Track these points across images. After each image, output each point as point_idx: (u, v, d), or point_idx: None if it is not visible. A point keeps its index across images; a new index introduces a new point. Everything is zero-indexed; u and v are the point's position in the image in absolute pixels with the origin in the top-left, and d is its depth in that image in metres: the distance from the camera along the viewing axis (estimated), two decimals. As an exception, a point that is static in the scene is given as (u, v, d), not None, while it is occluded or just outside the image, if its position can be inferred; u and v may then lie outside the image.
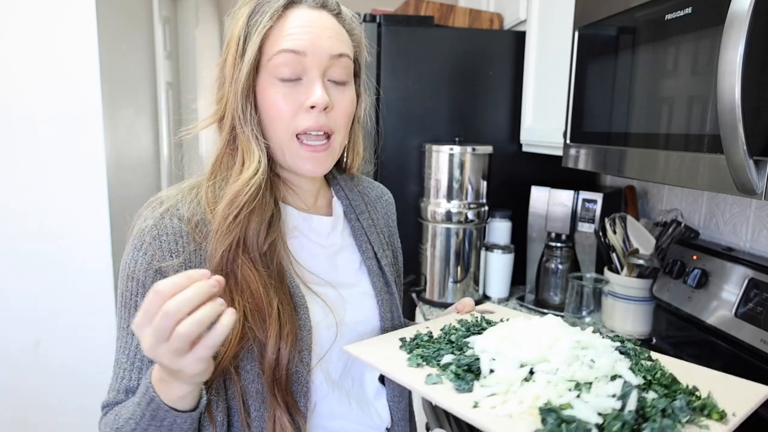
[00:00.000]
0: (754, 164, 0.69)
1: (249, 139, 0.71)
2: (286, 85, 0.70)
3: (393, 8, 2.08)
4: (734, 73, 0.67)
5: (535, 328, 0.70)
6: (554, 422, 0.53)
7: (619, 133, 1.03)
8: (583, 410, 0.54)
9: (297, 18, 0.71)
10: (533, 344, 0.65)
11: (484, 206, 1.69)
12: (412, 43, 1.72)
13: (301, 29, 0.70)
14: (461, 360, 0.67)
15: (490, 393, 0.60)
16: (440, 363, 0.68)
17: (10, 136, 1.92)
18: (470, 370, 0.66)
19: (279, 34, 0.70)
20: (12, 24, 1.85)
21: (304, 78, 0.71)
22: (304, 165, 0.74)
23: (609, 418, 0.53)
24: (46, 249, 2.01)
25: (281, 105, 0.71)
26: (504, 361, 0.64)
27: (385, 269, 0.86)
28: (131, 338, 0.70)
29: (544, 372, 0.61)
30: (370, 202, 0.91)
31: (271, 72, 0.70)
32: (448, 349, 0.72)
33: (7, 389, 2.06)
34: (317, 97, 0.70)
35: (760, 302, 1.06)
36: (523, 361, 0.64)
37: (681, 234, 1.35)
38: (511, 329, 0.72)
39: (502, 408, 0.58)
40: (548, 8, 1.56)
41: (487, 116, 1.80)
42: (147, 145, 2.51)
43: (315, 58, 0.70)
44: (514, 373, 0.62)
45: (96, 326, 2.08)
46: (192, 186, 0.75)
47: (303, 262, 0.77)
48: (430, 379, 0.65)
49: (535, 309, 1.65)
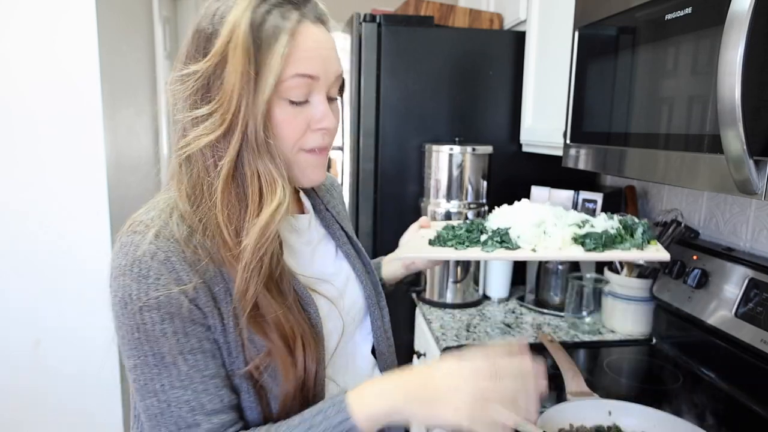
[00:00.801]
0: (754, 164, 0.69)
1: (269, 169, 0.67)
2: (294, 106, 0.69)
3: (393, 8, 2.08)
4: (734, 73, 0.67)
5: (522, 206, 0.95)
6: (592, 239, 0.83)
7: (619, 133, 1.03)
8: (600, 227, 0.87)
9: (307, 38, 0.68)
10: (529, 214, 0.91)
11: (484, 206, 1.69)
12: (412, 43, 1.72)
13: (314, 52, 0.68)
14: (499, 231, 0.89)
15: (532, 246, 0.85)
16: (480, 241, 0.89)
17: (10, 136, 1.92)
18: (504, 239, 0.87)
19: (293, 56, 0.66)
20: (12, 24, 1.85)
21: (310, 98, 0.70)
22: (313, 174, 0.74)
23: (618, 228, 0.87)
24: (46, 249, 2.00)
25: (292, 126, 0.69)
26: (523, 227, 0.88)
27: (361, 251, 0.90)
28: (174, 368, 0.64)
29: (550, 226, 0.88)
30: (327, 190, 0.93)
31: (281, 93, 0.67)
32: (475, 235, 0.92)
33: (7, 389, 2.06)
34: (330, 122, 0.71)
35: (760, 302, 1.06)
36: (536, 222, 0.88)
37: (681, 234, 1.35)
38: (508, 210, 0.95)
39: (551, 246, 0.85)
40: (548, 8, 1.56)
41: (487, 116, 1.80)
42: (147, 145, 2.51)
43: (325, 80, 0.70)
44: (535, 231, 0.87)
45: (96, 326, 2.08)
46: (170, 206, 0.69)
47: (298, 266, 0.77)
48: (486, 248, 0.87)
49: (535, 309, 1.65)
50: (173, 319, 0.63)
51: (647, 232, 0.86)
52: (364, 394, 0.64)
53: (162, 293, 0.62)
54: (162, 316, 0.63)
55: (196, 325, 0.65)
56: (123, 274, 0.64)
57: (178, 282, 0.63)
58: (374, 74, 1.72)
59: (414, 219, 1.77)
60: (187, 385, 0.64)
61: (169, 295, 0.63)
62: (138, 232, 0.65)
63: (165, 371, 0.64)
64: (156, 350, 0.64)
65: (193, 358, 0.64)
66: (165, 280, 0.63)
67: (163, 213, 0.67)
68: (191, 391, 0.64)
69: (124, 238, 0.65)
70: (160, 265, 0.63)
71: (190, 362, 0.64)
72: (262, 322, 0.67)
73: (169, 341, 0.63)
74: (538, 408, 0.63)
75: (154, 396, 0.64)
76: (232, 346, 0.67)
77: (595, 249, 0.82)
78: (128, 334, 0.64)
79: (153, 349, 0.64)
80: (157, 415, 0.64)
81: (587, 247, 0.83)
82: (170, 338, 0.63)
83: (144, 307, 0.63)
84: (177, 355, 0.64)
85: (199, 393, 0.64)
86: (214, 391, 0.65)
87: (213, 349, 0.66)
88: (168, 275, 0.63)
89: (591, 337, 1.42)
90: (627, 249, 0.82)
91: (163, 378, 0.64)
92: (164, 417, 0.64)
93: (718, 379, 1.17)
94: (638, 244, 0.83)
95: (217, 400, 0.65)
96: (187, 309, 0.64)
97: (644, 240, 0.84)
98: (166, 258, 0.63)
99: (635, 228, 0.87)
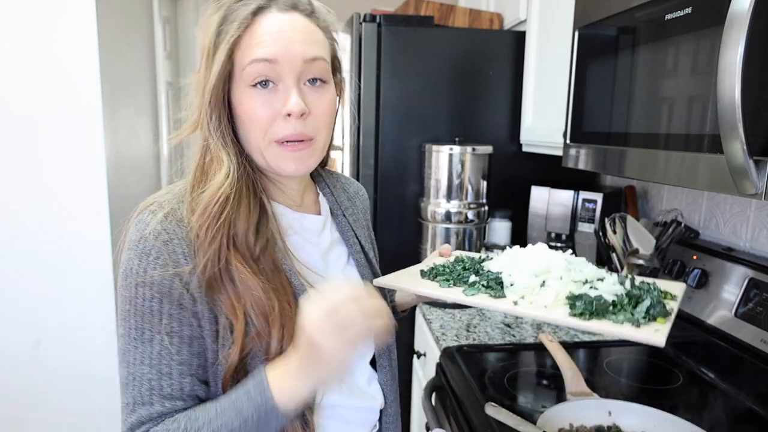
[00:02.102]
0: (754, 164, 0.69)
1: (218, 147, 0.72)
2: (261, 92, 0.70)
3: (393, 8, 2.08)
4: (734, 73, 0.67)
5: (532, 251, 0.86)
6: (584, 303, 0.72)
7: (619, 133, 1.03)
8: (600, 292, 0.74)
9: (267, 24, 0.70)
10: (536, 261, 0.82)
11: (484, 206, 1.69)
12: (412, 43, 1.72)
13: (272, 36, 0.69)
14: (489, 276, 0.82)
15: (520, 296, 0.76)
16: (468, 282, 0.82)
17: (10, 136, 1.92)
18: (497, 283, 0.80)
19: (249, 43, 0.69)
20: (12, 24, 1.85)
21: (280, 84, 0.70)
22: (287, 165, 0.74)
23: (620, 296, 0.74)
24: (46, 249, 2.01)
25: (258, 113, 0.70)
26: (520, 274, 0.80)
27: (372, 261, 0.90)
28: (149, 346, 0.67)
29: (552, 279, 0.78)
30: (350, 197, 0.94)
31: (245, 81, 0.70)
32: (469, 273, 0.85)
33: (7, 389, 2.06)
34: (293, 104, 0.69)
35: (760, 302, 1.06)
36: (536, 272, 0.79)
37: (681, 234, 1.35)
38: (514, 254, 0.87)
39: (537, 302, 0.74)
40: (548, 8, 1.56)
41: (487, 116, 1.80)
42: (147, 145, 2.51)
43: (288, 64, 0.70)
44: (532, 281, 0.78)
45: (96, 326, 2.08)
46: (183, 190, 0.74)
47: (301, 260, 0.78)
48: (467, 291, 0.79)
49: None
50: (162, 299, 0.67)
51: (655, 307, 0.72)
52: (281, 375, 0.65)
53: (158, 273, 0.67)
54: (153, 295, 0.67)
55: (183, 310, 0.68)
56: (130, 248, 0.69)
57: (175, 264, 0.67)
58: (374, 74, 1.72)
59: (414, 219, 1.78)
60: (155, 364, 0.67)
61: (164, 276, 0.67)
62: (152, 211, 0.70)
63: (141, 347, 0.68)
64: (139, 325, 0.68)
65: (169, 340, 0.68)
66: (163, 261, 0.67)
67: (177, 196, 0.72)
68: (156, 371, 0.67)
69: (140, 215, 0.70)
70: (162, 246, 0.67)
71: (164, 343, 0.67)
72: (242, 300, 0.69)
73: (153, 319, 0.67)
74: (369, 339, 0.63)
75: (126, 367, 0.68)
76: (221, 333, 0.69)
77: (581, 315, 0.71)
78: (122, 305, 0.69)
79: (137, 323, 0.68)
80: (124, 384, 0.69)
81: (574, 311, 0.72)
82: (155, 316, 0.67)
83: (140, 283, 0.67)
84: (155, 334, 0.67)
85: (162, 375, 0.67)
86: (177, 377, 0.68)
87: (192, 336, 0.69)
88: (167, 256, 0.67)
89: (591, 337, 1.42)
90: (619, 322, 0.70)
91: (138, 352, 0.68)
92: (128, 388, 0.68)
93: (718, 379, 1.17)
94: (634, 320, 0.69)
95: (177, 386, 0.68)
96: (178, 293, 0.67)
97: (647, 316, 0.71)
98: (169, 239, 0.68)
99: (642, 299, 0.74)
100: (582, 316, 0.70)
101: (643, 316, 0.70)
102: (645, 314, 0.70)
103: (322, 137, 0.75)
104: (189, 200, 0.71)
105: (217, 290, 0.68)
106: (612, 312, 0.71)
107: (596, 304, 0.71)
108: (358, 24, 1.71)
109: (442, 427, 1.19)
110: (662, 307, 0.72)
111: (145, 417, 0.67)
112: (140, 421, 0.67)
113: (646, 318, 0.70)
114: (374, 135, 1.76)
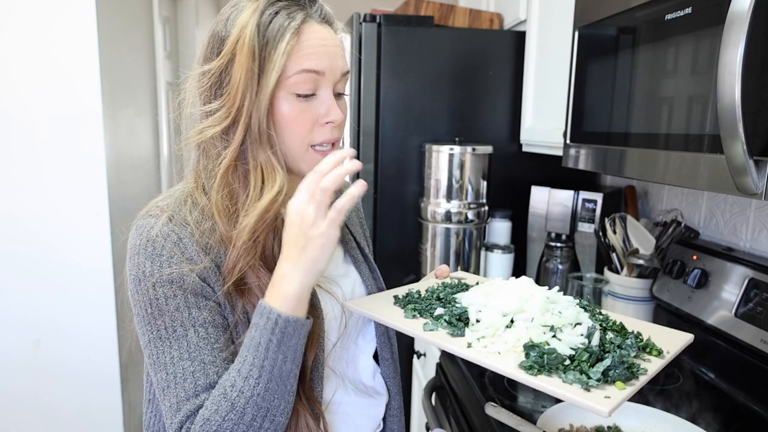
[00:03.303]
0: (754, 164, 0.69)
1: (270, 159, 0.71)
2: (302, 100, 0.71)
3: (393, 8, 2.08)
4: (734, 73, 0.67)
5: (512, 286, 0.80)
6: (536, 354, 0.66)
7: (619, 133, 1.03)
8: (559, 345, 0.68)
9: (312, 36, 0.71)
10: (512, 298, 0.76)
11: (484, 206, 1.69)
12: (412, 43, 1.72)
13: (319, 48, 0.71)
14: (453, 311, 0.78)
15: (480, 336, 0.72)
16: (433, 314, 0.79)
17: (10, 136, 1.92)
18: (460, 319, 0.77)
19: (298, 52, 0.69)
20: (12, 24, 1.85)
21: (318, 93, 0.73)
22: None
23: (579, 351, 0.67)
24: (46, 249, 2.01)
25: (299, 121, 0.72)
26: (488, 312, 0.75)
27: (368, 256, 0.92)
28: (184, 340, 0.67)
29: (522, 320, 0.73)
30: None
31: (289, 88, 0.70)
32: (438, 304, 0.81)
33: (7, 389, 2.06)
34: (336, 115, 0.73)
35: (760, 302, 1.06)
36: (505, 312, 0.75)
37: (681, 234, 1.35)
38: (492, 287, 0.82)
39: (492, 347, 0.70)
40: (548, 8, 1.56)
41: (487, 116, 1.80)
42: (147, 145, 2.51)
43: (331, 76, 0.72)
44: (498, 320, 0.73)
45: (96, 326, 2.08)
46: (186, 194, 0.74)
47: None
48: (426, 326, 0.76)
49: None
50: (186, 293, 0.68)
51: (616, 368, 0.64)
52: (275, 288, 0.67)
53: (174, 270, 0.67)
54: (174, 291, 0.67)
55: (208, 300, 0.69)
56: (137, 253, 0.69)
57: (189, 261, 0.68)
58: (374, 74, 1.72)
59: (414, 219, 1.78)
60: (195, 356, 0.67)
61: (181, 272, 0.67)
62: (153, 215, 0.70)
63: (176, 343, 0.67)
64: (168, 323, 0.67)
65: (204, 330, 0.68)
66: (177, 259, 0.68)
67: (178, 200, 0.73)
68: (198, 362, 0.67)
69: (141, 221, 0.71)
70: (173, 246, 0.68)
71: (201, 334, 0.68)
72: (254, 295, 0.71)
73: (182, 314, 0.68)
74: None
75: (164, 369, 0.67)
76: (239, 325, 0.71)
77: (530, 369, 0.65)
78: (142, 310, 0.68)
79: (165, 323, 0.68)
80: (164, 388, 0.67)
81: (524, 363, 0.65)
82: (183, 311, 0.68)
83: (157, 283, 0.67)
84: (189, 327, 0.68)
85: (206, 364, 0.67)
86: (221, 363, 0.68)
87: (224, 324, 0.70)
88: (180, 255, 0.68)
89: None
90: (568, 382, 0.63)
91: (174, 350, 0.67)
92: (169, 390, 0.67)
93: (718, 379, 1.17)
94: (584, 382, 0.62)
95: (223, 371, 0.68)
96: (199, 285, 0.68)
97: (602, 378, 0.63)
98: (179, 239, 0.68)
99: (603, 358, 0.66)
100: (530, 369, 0.64)
101: (597, 378, 0.62)
102: (601, 376, 0.63)
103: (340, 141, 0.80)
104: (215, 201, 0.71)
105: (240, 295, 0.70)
106: (564, 368, 0.65)
107: (548, 358, 0.65)
108: (358, 24, 1.71)
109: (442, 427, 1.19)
110: (625, 370, 0.64)
111: (192, 411, 0.66)
112: (187, 415, 0.66)
113: (601, 380, 0.62)
114: (374, 135, 1.76)
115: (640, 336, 0.74)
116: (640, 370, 0.66)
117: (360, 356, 0.88)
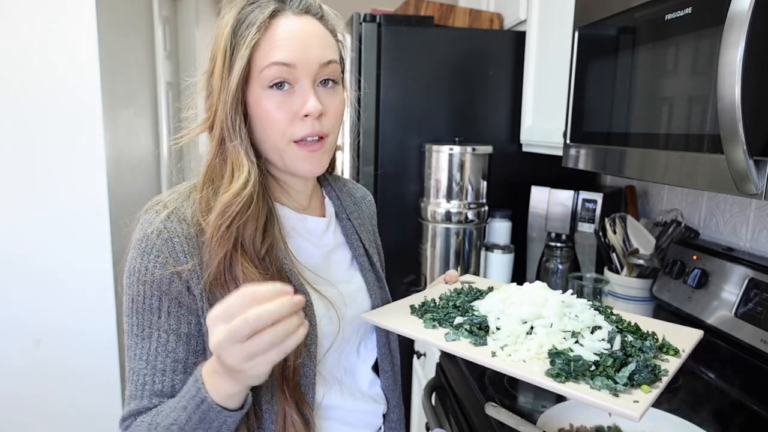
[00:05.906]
0: (754, 164, 0.69)
1: (238, 151, 0.72)
2: (278, 94, 0.71)
3: (393, 8, 2.08)
4: (734, 73, 0.67)
5: (526, 291, 0.82)
6: (562, 362, 0.66)
7: (619, 133, 1.03)
8: (583, 352, 0.68)
9: (284, 28, 0.71)
10: (528, 304, 0.78)
11: (484, 206, 1.69)
12: (412, 43, 1.72)
13: (290, 40, 0.70)
14: (473, 320, 0.79)
15: (502, 345, 0.73)
16: (453, 324, 0.79)
17: (10, 136, 1.92)
18: (480, 327, 0.78)
19: (268, 46, 0.70)
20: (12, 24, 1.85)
21: (296, 86, 0.72)
22: (303, 166, 0.75)
23: (603, 356, 0.68)
24: (46, 249, 2.01)
25: (276, 115, 0.71)
26: (508, 319, 0.77)
27: (375, 265, 0.91)
28: (147, 342, 0.70)
29: (541, 326, 0.74)
30: (356, 202, 0.95)
31: (262, 83, 0.71)
32: (456, 312, 0.82)
33: (7, 390, 2.06)
34: (311, 106, 0.71)
35: (760, 302, 1.06)
36: (523, 318, 0.76)
37: (681, 234, 1.35)
38: (507, 293, 0.83)
39: (516, 355, 0.71)
40: (548, 8, 1.56)
41: (487, 116, 1.80)
42: (147, 145, 2.51)
43: (305, 68, 0.71)
44: (518, 327, 0.75)
45: (96, 326, 2.08)
46: (190, 189, 0.75)
47: (302, 261, 0.79)
48: (448, 336, 0.76)
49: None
50: (162, 297, 0.69)
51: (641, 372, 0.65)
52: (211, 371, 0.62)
53: (159, 271, 0.69)
54: (152, 292, 0.69)
55: (182, 308, 0.70)
56: (134, 247, 0.71)
57: (176, 262, 0.69)
58: (374, 74, 1.72)
59: (414, 219, 1.78)
60: (150, 360, 0.69)
61: (164, 274, 0.69)
62: (156, 211, 0.72)
63: (140, 343, 0.70)
64: (139, 321, 0.70)
65: (166, 337, 0.69)
66: (164, 259, 0.69)
67: (182, 195, 0.74)
68: (150, 367, 0.69)
69: (145, 215, 0.73)
70: (163, 244, 0.69)
71: (161, 340, 0.70)
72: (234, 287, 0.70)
73: (153, 316, 0.70)
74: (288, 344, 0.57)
75: (128, 362, 0.72)
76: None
77: (557, 376, 0.65)
78: (126, 301, 0.71)
79: (138, 320, 0.70)
80: (126, 379, 0.72)
81: (551, 371, 0.66)
82: (154, 314, 0.70)
83: (141, 281, 0.69)
84: (154, 331, 0.70)
85: (156, 371, 0.69)
86: (170, 373, 0.69)
87: (189, 334, 0.71)
88: (167, 254, 0.69)
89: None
90: (596, 388, 0.64)
91: (137, 348, 0.70)
92: (127, 383, 0.71)
93: (718, 379, 1.17)
94: (612, 387, 0.63)
95: (168, 383, 0.69)
96: (178, 291, 0.69)
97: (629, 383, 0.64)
98: (169, 237, 0.69)
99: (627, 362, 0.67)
100: (558, 377, 0.65)
101: (624, 383, 0.63)
102: (627, 380, 0.64)
103: (333, 135, 0.78)
104: (197, 198, 0.73)
105: (220, 288, 0.69)
106: (591, 375, 0.65)
107: (574, 365, 0.66)
108: (358, 24, 1.71)
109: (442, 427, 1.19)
110: (650, 373, 0.66)
111: (134, 411, 0.69)
112: (130, 414, 0.69)
113: (627, 385, 0.64)
114: (374, 135, 1.76)
115: (655, 336, 0.76)
116: (661, 372, 0.67)
117: (359, 365, 0.87)
